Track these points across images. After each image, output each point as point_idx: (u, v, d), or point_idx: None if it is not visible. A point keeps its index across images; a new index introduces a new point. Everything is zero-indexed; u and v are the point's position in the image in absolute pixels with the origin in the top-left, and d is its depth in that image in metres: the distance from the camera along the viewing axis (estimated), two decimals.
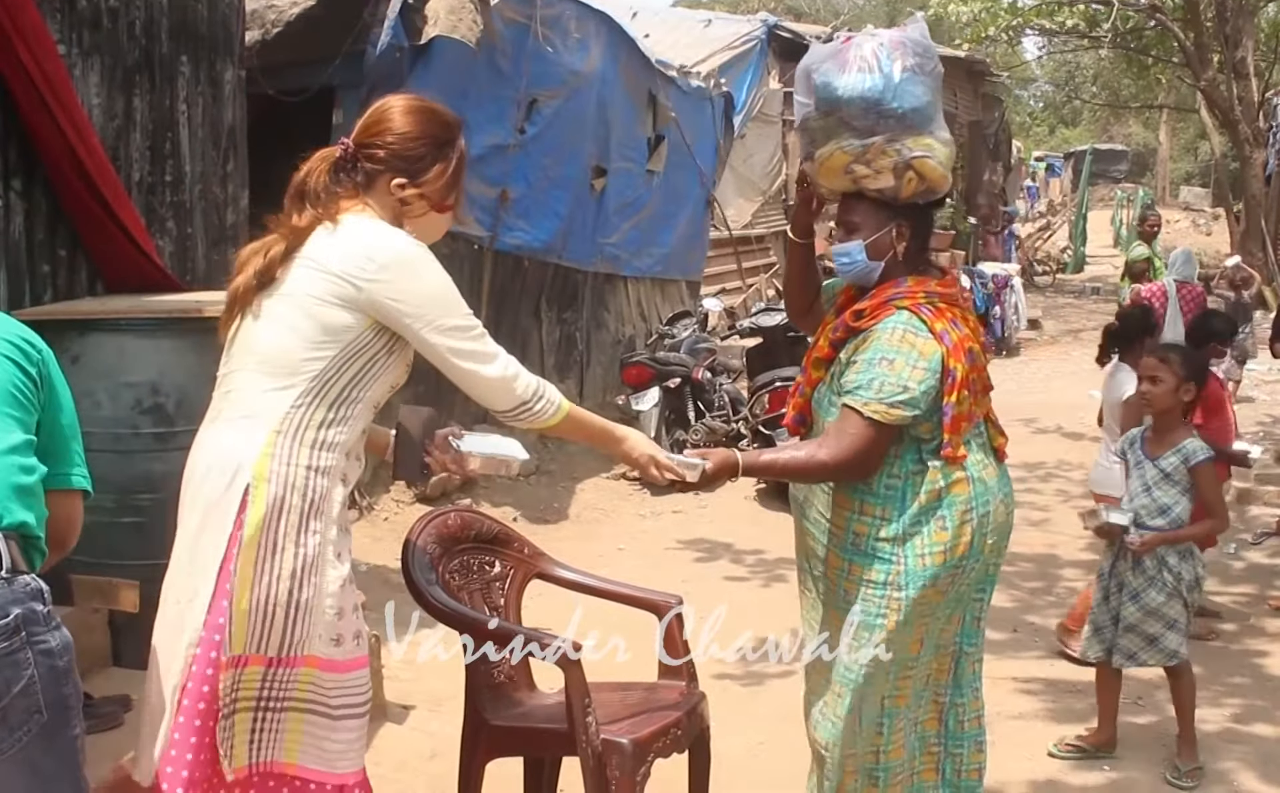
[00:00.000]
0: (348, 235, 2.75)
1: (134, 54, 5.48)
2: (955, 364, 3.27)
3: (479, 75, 8.43)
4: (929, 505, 3.36)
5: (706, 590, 6.28)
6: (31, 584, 2.22)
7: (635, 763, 3.34)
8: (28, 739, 2.17)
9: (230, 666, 2.61)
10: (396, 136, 2.85)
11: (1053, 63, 40.43)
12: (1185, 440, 4.61)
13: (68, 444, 2.49)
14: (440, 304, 2.79)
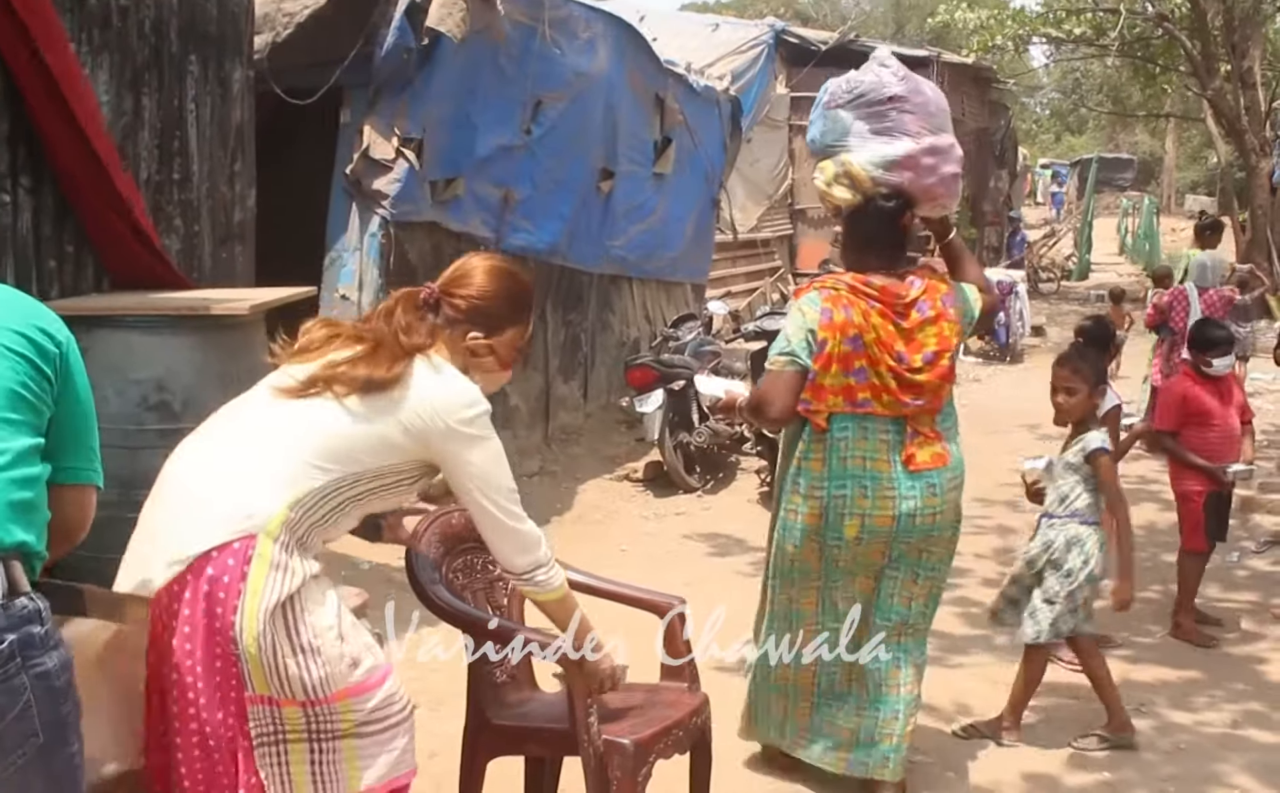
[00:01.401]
0: (432, 374, 2.91)
1: (143, 53, 5.49)
2: (827, 337, 3.93)
3: (485, 75, 8.43)
4: (795, 469, 4.12)
5: (709, 591, 6.26)
6: (29, 607, 2.17)
7: (637, 764, 3.34)
8: (24, 763, 2.15)
9: (260, 702, 2.64)
10: (479, 293, 3.06)
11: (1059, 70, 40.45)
12: (1088, 432, 4.84)
13: (80, 438, 2.45)
14: (498, 470, 2.98)
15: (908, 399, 4.00)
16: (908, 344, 4.00)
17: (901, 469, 4.00)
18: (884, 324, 3.99)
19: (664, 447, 9.07)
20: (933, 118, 4.16)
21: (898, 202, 4.12)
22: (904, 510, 4.02)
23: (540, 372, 10.11)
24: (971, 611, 6.60)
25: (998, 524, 8.43)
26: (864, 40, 20.92)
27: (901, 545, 4.09)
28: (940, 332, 4.06)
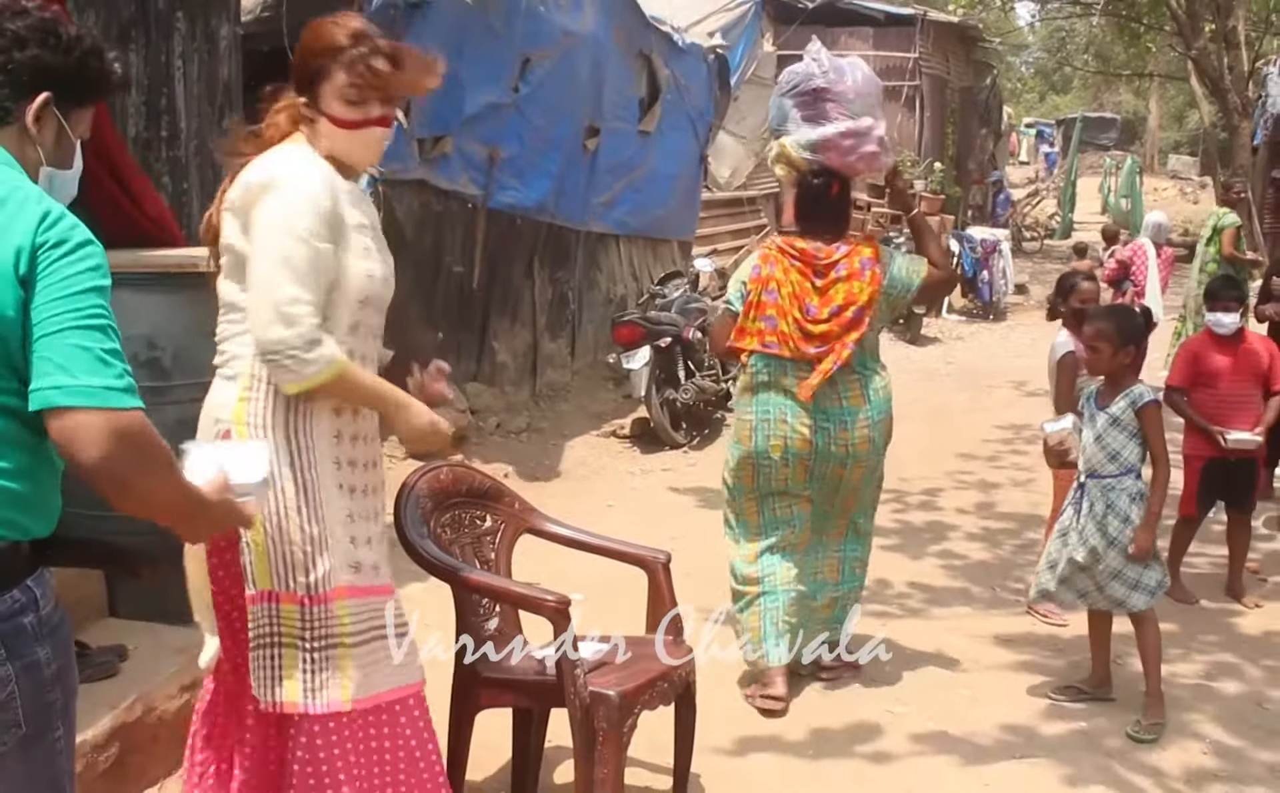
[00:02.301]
0: (248, 170, 2.77)
1: (129, 9, 5.43)
2: (751, 288, 4.69)
3: (474, 33, 8.39)
4: (735, 397, 4.98)
5: (695, 546, 6.30)
6: (20, 599, 2.06)
7: (622, 715, 3.37)
8: (3, 751, 2.09)
9: (260, 599, 2.69)
10: (295, 65, 2.83)
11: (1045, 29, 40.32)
12: (1133, 386, 4.71)
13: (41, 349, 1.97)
14: (281, 227, 2.64)
15: (808, 348, 4.62)
16: (820, 298, 4.63)
17: (820, 402, 4.63)
18: (801, 281, 4.64)
19: (650, 403, 9.09)
20: (852, 104, 4.67)
21: (825, 177, 4.71)
22: (819, 441, 4.67)
23: (528, 329, 10.10)
24: (954, 564, 6.65)
25: (980, 479, 8.48)
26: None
27: (822, 469, 4.73)
28: (850, 289, 4.62)
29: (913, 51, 20.88)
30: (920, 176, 19.31)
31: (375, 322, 2.89)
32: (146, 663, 3.84)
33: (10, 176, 2.07)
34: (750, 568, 4.83)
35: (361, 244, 2.78)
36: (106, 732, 3.48)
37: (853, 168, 4.77)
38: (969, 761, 4.38)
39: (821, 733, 4.55)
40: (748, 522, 4.86)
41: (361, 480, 2.84)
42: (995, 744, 4.51)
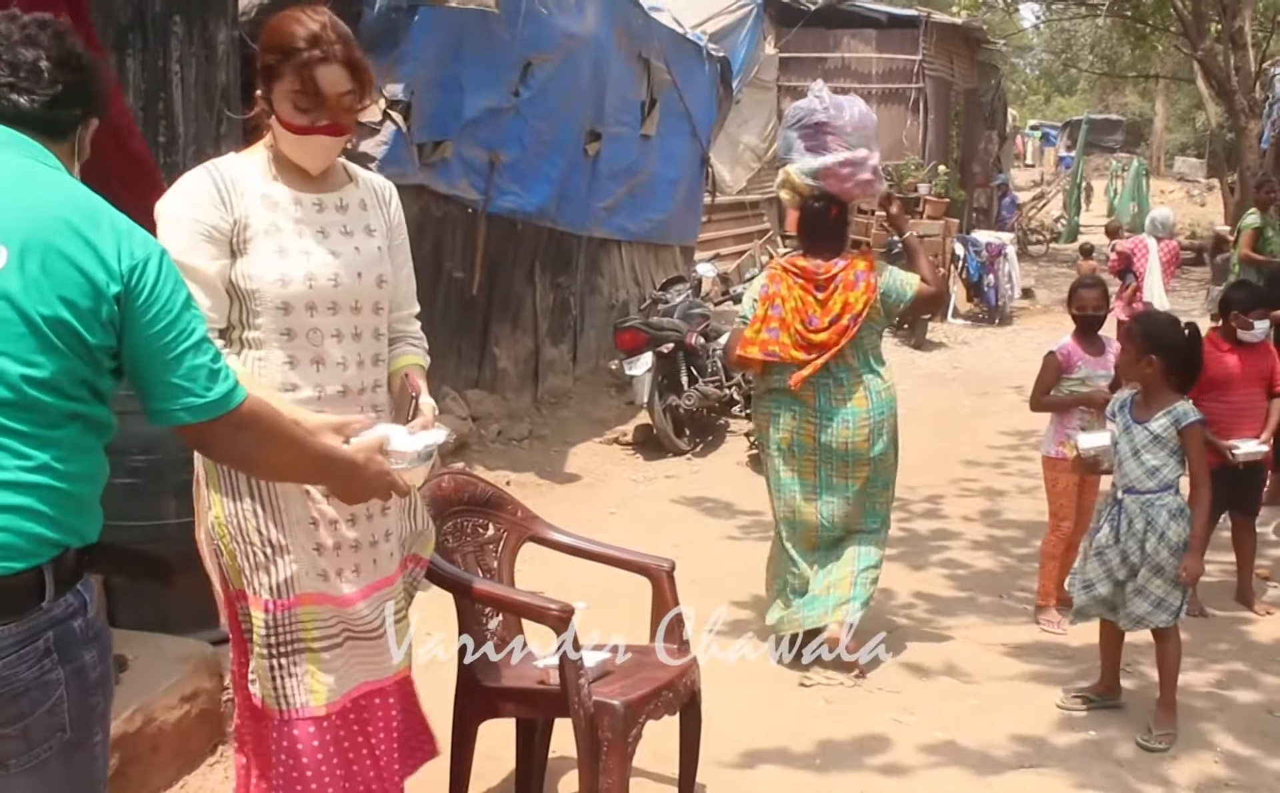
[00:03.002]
0: None
1: (126, 13, 5.44)
2: (759, 304, 5.23)
3: (475, 37, 8.39)
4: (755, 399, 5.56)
5: (698, 554, 6.31)
6: (73, 603, 2.11)
7: (627, 725, 3.37)
8: (48, 755, 2.14)
9: (239, 599, 2.76)
10: (258, 55, 2.77)
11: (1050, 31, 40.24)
12: (1176, 403, 4.63)
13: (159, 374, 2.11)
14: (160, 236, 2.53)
15: (802, 356, 5.10)
16: (821, 309, 5.12)
17: (824, 403, 5.14)
18: (803, 296, 5.14)
19: (653, 410, 9.09)
20: (849, 137, 5.25)
21: (825, 201, 5.26)
22: (823, 438, 5.15)
23: (529, 335, 10.10)
24: (959, 573, 6.65)
25: (985, 486, 8.47)
26: (853, 1, 20.83)
27: (827, 466, 5.18)
28: (846, 298, 5.09)
29: (916, 54, 20.88)
30: (924, 180, 19.31)
31: (331, 322, 2.79)
32: (147, 673, 3.84)
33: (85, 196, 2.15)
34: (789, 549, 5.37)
35: (275, 248, 2.72)
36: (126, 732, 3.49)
37: (849, 193, 5.35)
38: (978, 771, 4.37)
39: (829, 744, 4.54)
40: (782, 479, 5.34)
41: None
42: (1005, 754, 4.50)
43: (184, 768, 3.89)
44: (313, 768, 2.77)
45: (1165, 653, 4.69)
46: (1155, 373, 4.65)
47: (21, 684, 2.07)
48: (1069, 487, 5.75)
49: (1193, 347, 4.75)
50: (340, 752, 2.81)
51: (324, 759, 2.78)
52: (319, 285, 2.75)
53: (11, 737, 2.10)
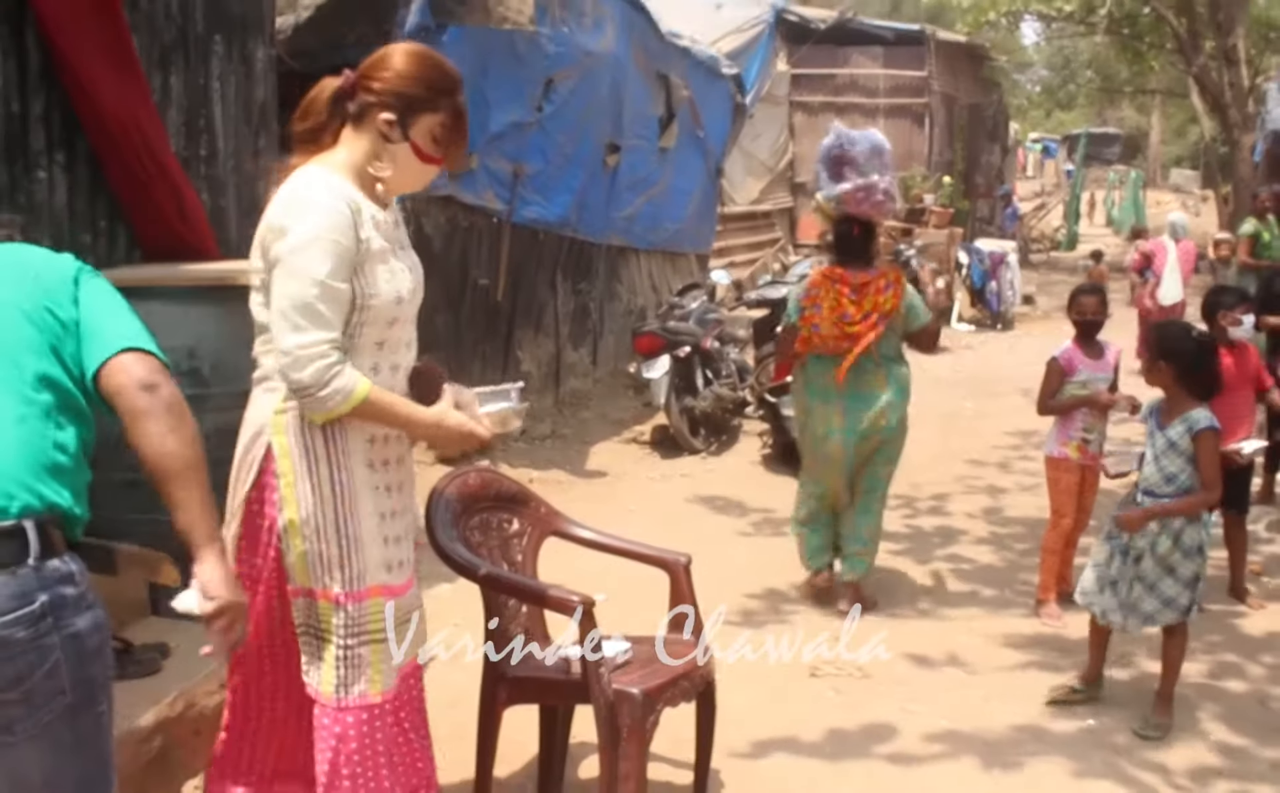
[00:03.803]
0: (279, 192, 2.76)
1: (170, 33, 5.48)
2: (804, 305, 5.82)
3: (500, 56, 8.42)
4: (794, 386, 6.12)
5: (714, 548, 6.30)
6: (61, 569, 2.17)
7: (645, 712, 3.37)
8: (51, 718, 2.16)
9: (299, 594, 2.76)
10: (395, 73, 2.81)
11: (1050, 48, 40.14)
12: (1192, 410, 4.58)
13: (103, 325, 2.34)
14: (298, 268, 2.64)
15: (844, 343, 5.71)
16: (856, 307, 5.71)
17: (852, 388, 5.73)
18: (840, 297, 5.74)
19: (670, 411, 9.09)
20: (863, 166, 5.88)
21: (849, 221, 5.90)
22: (849, 420, 5.76)
23: (551, 338, 10.11)
24: (963, 567, 6.63)
25: (988, 485, 8.45)
26: (862, 19, 20.80)
27: (851, 439, 5.79)
28: (876, 300, 5.71)
29: (922, 70, 20.85)
30: (930, 191, 19.26)
31: (407, 332, 2.90)
32: (187, 661, 3.85)
33: None
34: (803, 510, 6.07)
35: (388, 268, 2.78)
36: (150, 726, 3.50)
37: (867, 213, 5.91)
38: (982, 758, 4.36)
39: (838, 733, 4.53)
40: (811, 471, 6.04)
41: (395, 478, 2.87)
42: (1007, 742, 4.49)
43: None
44: (360, 753, 2.78)
45: (1170, 648, 4.66)
46: (1168, 379, 4.65)
47: (19, 645, 2.10)
48: (1070, 485, 5.74)
49: (1200, 354, 4.70)
50: (387, 736, 2.82)
51: (370, 744, 2.80)
52: (405, 299, 2.84)
53: (14, 702, 2.12)
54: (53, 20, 4.69)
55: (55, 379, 2.27)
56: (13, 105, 4.69)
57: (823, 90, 20.45)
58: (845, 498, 5.90)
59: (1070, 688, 4.84)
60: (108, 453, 2.51)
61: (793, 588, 6.12)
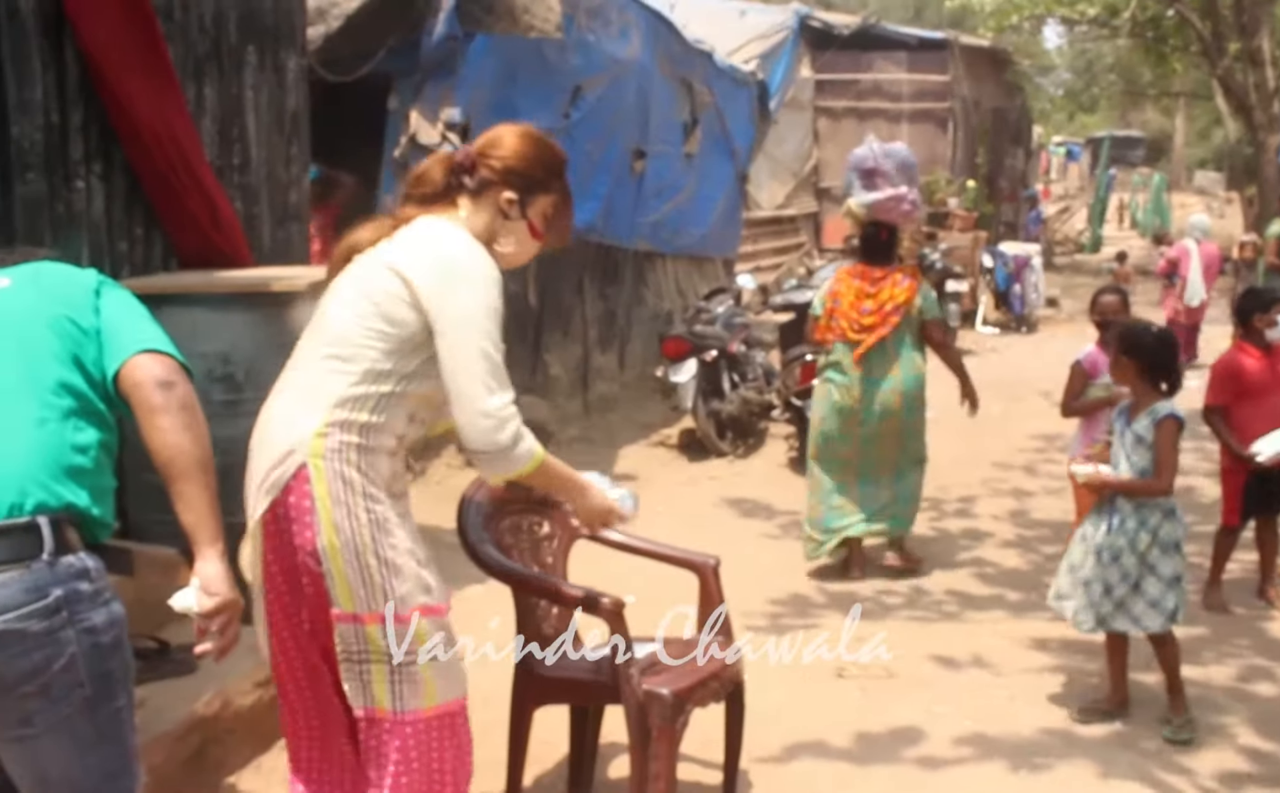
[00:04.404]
0: (424, 236, 2.79)
1: (204, 44, 5.52)
2: (827, 299, 6.54)
3: (528, 63, 8.44)
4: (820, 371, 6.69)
5: (741, 551, 6.30)
6: (75, 564, 2.20)
7: (674, 713, 3.38)
8: (70, 711, 2.19)
9: (345, 620, 2.70)
10: (514, 153, 2.92)
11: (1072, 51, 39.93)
12: (1156, 402, 4.58)
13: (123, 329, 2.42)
14: (477, 322, 2.71)
15: (856, 336, 6.39)
16: (873, 300, 6.38)
17: (869, 373, 6.36)
18: (859, 292, 6.43)
19: (697, 414, 9.08)
20: (893, 177, 6.69)
21: (876, 226, 6.64)
22: (865, 400, 6.38)
23: (579, 343, 10.13)
24: (988, 571, 6.60)
25: (1013, 488, 8.42)
26: (885, 24, 20.74)
27: (868, 420, 6.39)
28: (892, 294, 6.37)
29: (945, 75, 20.75)
30: (954, 195, 19.18)
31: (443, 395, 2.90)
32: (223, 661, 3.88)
33: None
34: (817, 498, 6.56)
35: None
36: (187, 725, 3.53)
37: (895, 220, 6.72)
38: (1009, 761, 4.34)
39: (865, 736, 4.52)
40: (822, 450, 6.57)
41: (408, 508, 2.88)
42: (1034, 744, 4.47)
43: (257, 749, 3.93)
44: (420, 763, 2.78)
45: (1164, 657, 4.61)
46: (1132, 375, 4.64)
47: (34, 639, 2.14)
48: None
49: (1160, 348, 4.68)
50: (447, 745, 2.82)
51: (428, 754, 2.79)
52: None
53: (32, 694, 2.16)
54: (88, 33, 4.75)
55: (75, 385, 2.33)
56: (52, 117, 4.74)
57: (846, 95, 20.39)
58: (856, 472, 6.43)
59: (1099, 710, 4.72)
60: (135, 457, 2.55)
61: (819, 591, 6.11)
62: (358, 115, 8.19)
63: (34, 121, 4.66)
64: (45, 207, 4.73)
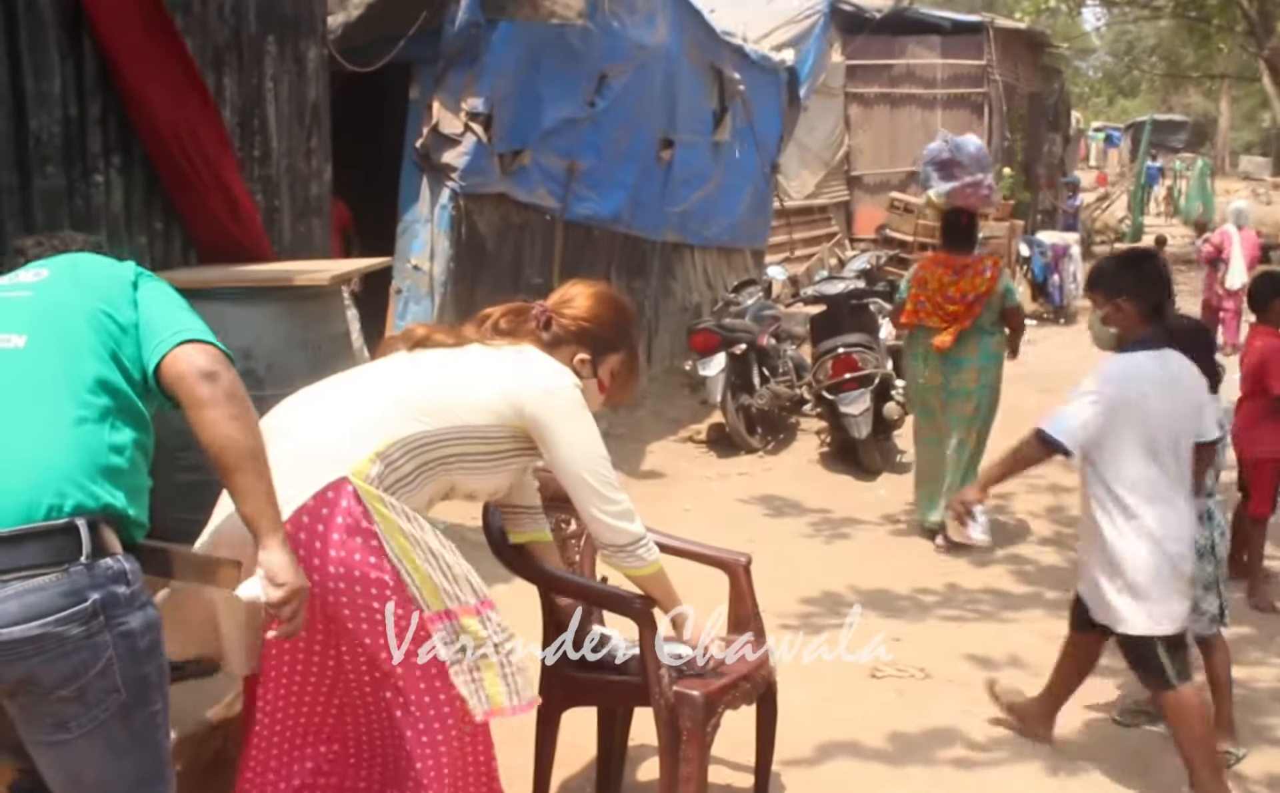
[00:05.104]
0: (533, 352, 3.01)
1: (223, 34, 5.55)
2: (914, 282, 7.06)
3: (552, 51, 8.44)
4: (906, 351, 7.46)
5: (772, 549, 6.29)
6: (113, 567, 2.21)
7: (706, 715, 3.37)
8: (105, 716, 2.21)
9: (439, 619, 2.72)
10: (587, 314, 3.13)
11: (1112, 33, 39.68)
12: None
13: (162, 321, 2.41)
14: (591, 444, 2.96)
15: (938, 321, 6.87)
16: (956, 288, 6.83)
17: (950, 354, 6.85)
18: (943, 278, 6.89)
19: (726, 409, 9.07)
20: (968, 168, 7.74)
21: (957, 213, 7.30)
22: (946, 379, 6.93)
23: None
24: (1025, 568, 6.58)
25: (1051, 483, 8.35)
26: (918, 9, 20.64)
27: (948, 397, 6.94)
28: (974, 282, 6.83)
29: (981, 59, 20.64)
30: None
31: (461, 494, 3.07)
32: None
33: None
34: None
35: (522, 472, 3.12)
36: (211, 726, 3.55)
37: (973, 205, 7.55)
38: (1047, 763, 4.32)
39: (900, 736, 4.51)
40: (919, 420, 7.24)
41: None
42: (1072, 746, 4.45)
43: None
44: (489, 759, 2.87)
45: (1212, 665, 4.49)
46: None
47: (71, 643, 2.15)
48: None
49: (1194, 344, 4.22)
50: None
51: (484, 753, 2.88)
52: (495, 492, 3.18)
53: (68, 699, 2.17)
54: (104, 27, 4.78)
55: (113, 383, 2.33)
56: (70, 110, 4.79)
57: (879, 81, 20.31)
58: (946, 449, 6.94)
59: (1142, 711, 4.68)
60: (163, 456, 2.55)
61: (850, 589, 6.10)
62: (379, 106, 8.22)
63: (52, 115, 4.70)
64: (64, 200, 4.77)
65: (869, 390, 8.42)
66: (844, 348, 8.70)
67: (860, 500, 7.98)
